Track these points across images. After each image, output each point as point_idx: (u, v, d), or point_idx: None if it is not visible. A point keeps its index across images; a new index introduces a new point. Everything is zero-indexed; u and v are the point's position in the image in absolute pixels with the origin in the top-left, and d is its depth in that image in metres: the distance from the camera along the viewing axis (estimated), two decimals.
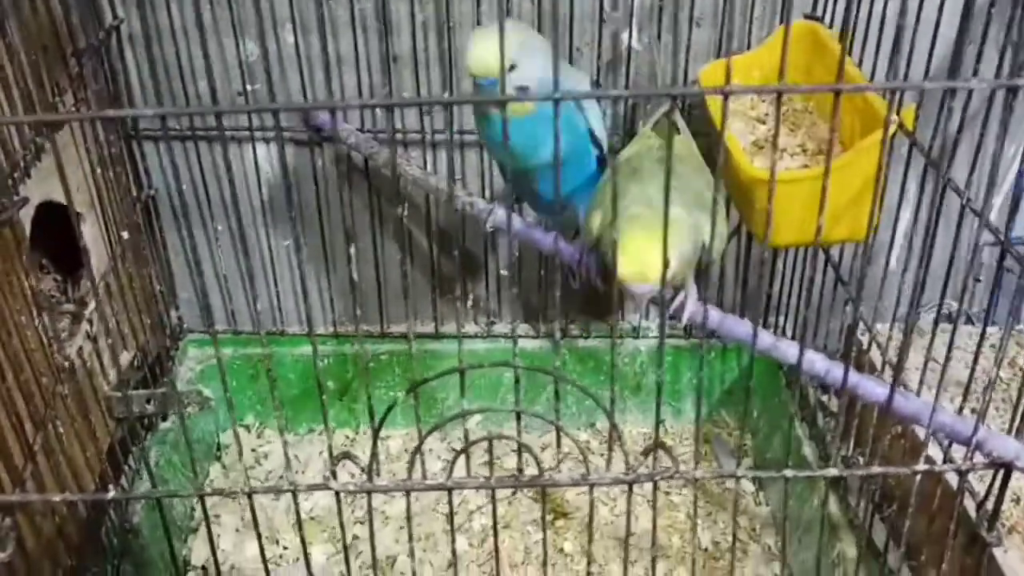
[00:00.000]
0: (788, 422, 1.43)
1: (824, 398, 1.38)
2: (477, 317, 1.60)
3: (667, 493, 1.49)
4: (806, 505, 1.34)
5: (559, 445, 0.88)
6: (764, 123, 1.18)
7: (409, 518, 0.90)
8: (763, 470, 1.52)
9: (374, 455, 0.88)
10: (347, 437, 1.62)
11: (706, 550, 1.40)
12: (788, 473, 0.87)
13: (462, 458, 0.84)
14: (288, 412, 1.59)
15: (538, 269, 1.53)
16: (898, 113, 0.99)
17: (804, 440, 1.38)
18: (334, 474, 0.89)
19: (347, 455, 0.91)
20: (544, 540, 0.95)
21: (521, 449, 0.86)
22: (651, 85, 1.23)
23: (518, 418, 0.85)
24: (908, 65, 1.07)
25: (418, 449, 0.87)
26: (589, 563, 0.94)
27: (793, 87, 0.69)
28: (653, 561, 0.93)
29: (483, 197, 1.28)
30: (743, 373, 1.59)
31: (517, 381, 0.84)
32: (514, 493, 0.90)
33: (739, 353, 1.57)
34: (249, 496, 0.91)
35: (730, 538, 1.41)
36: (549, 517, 1.45)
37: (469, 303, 1.58)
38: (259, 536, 0.92)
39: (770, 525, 1.44)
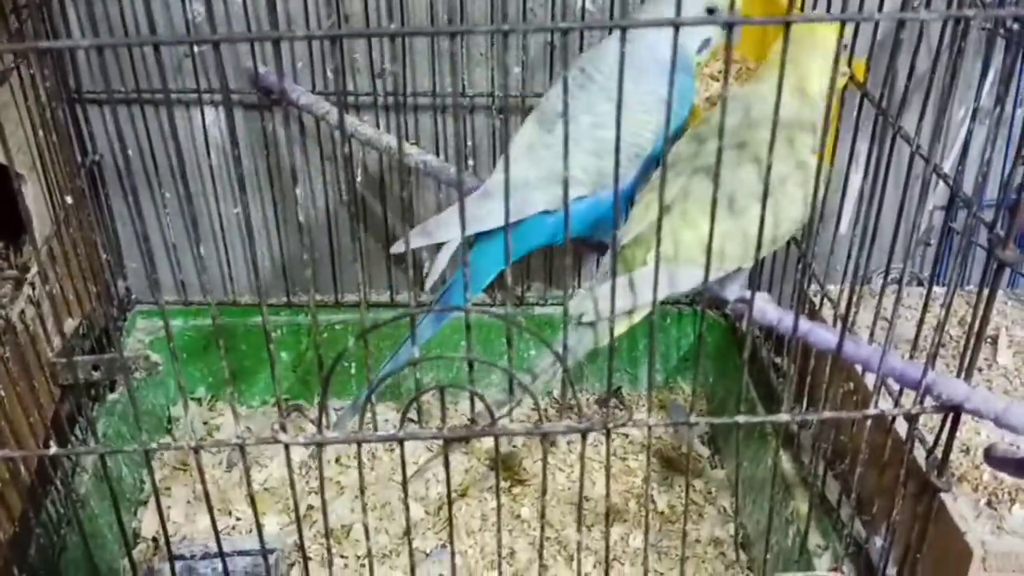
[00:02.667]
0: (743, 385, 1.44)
1: (777, 360, 1.39)
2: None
3: (623, 459, 1.50)
4: (760, 466, 1.35)
5: (511, 391, 0.86)
6: (718, 80, 1.19)
7: (360, 468, 0.89)
8: (718, 429, 1.52)
9: (323, 406, 0.86)
10: (305, 408, 1.59)
11: (662, 513, 1.40)
12: (740, 419, 0.87)
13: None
14: (241, 385, 1.57)
15: None
16: (849, 65, 1.00)
17: (757, 401, 1.39)
18: (283, 427, 0.88)
19: (297, 408, 0.89)
20: (497, 491, 0.94)
21: (473, 398, 0.85)
22: None
23: (470, 366, 0.84)
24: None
25: (368, 398, 0.86)
26: (543, 516, 0.93)
27: (745, 19, 0.69)
28: (607, 513, 0.92)
29: (436, 156, 1.27)
30: (698, 338, 1.59)
31: (468, 328, 0.83)
32: (467, 443, 0.88)
33: (694, 318, 1.58)
34: (196, 451, 0.89)
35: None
36: (506, 484, 1.45)
37: (425, 271, 1.56)
38: (207, 496, 0.90)
39: (725, 488, 1.44)
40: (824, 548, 1.16)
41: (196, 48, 1.34)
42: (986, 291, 0.80)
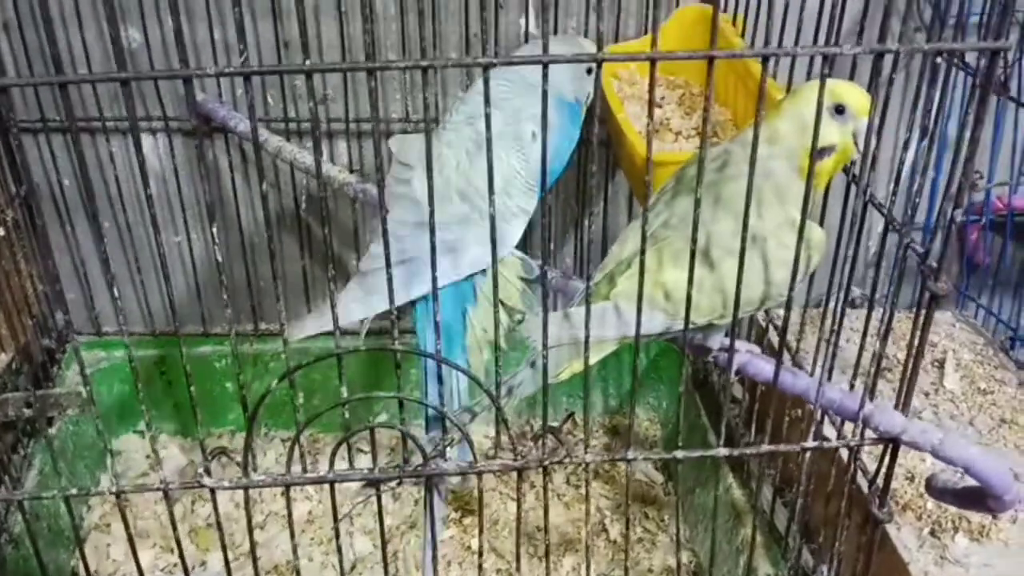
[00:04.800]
0: (695, 413, 1.43)
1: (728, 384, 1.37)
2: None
3: (577, 487, 1.48)
4: (711, 493, 1.33)
5: (445, 431, 0.84)
6: (659, 107, 1.18)
7: (290, 514, 0.87)
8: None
9: (248, 448, 0.84)
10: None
11: (615, 542, 1.38)
12: (679, 454, 0.86)
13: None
14: (185, 416, 1.53)
15: None
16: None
17: (709, 429, 1.38)
18: (207, 471, 0.85)
19: (223, 451, 0.87)
20: (434, 538, 0.92)
21: (405, 438, 0.83)
22: None
23: (400, 405, 0.82)
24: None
25: (296, 440, 0.83)
26: (481, 554, 0.91)
27: (666, 54, 0.68)
28: (547, 548, 0.90)
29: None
30: (652, 364, 1.59)
31: (398, 367, 0.81)
32: (399, 484, 0.86)
33: (647, 344, 1.56)
34: (117, 496, 0.86)
35: (639, 530, 1.40)
36: (456, 515, 1.42)
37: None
38: (130, 538, 0.87)
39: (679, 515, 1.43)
40: None
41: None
42: (921, 321, 0.79)
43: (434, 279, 0.76)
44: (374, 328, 1.04)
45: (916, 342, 0.80)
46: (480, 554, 0.88)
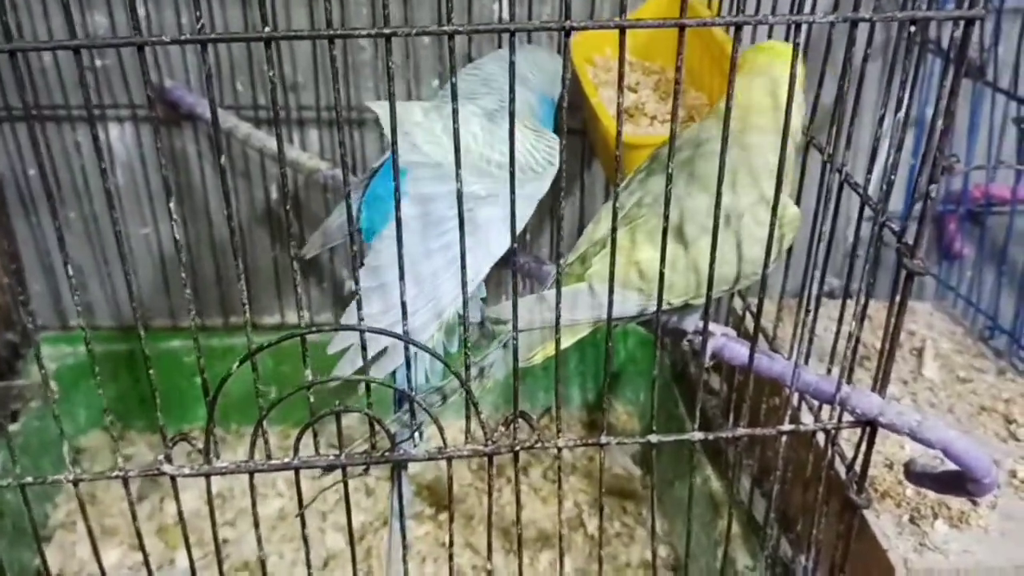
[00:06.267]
0: (673, 404, 1.41)
1: (705, 377, 1.36)
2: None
3: (553, 481, 1.46)
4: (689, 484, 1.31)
5: (413, 416, 0.82)
6: (635, 91, 1.16)
7: (254, 504, 0.84)
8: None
9: (209, 434, 0.81)
10: (219, 437, 1.52)
11: (592, 536, 1.36)
12: (653, 438, 0.84)
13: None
14: (154, 412, 1.50)
15: None
16: None
17: (687, 419, 1.36)
18: (168, 458, 0.83)
19: (183, 437, 0.84)
20: (402, 525, 0.90)
21: (372, 422, 0.80)
22: None
23: (367, 388, 0.80)
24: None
25: (259, 425, 0.81)
26: (451, 543, 0.89)
27: (635, 23, 0.66)
28: (519, 538, 0.88)
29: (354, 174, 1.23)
30: (630, 357, 1.57)
31: (364, 347, 0.79)
32: (366, 470, 0.84)
33: (625, 335, 1.55)
34: (75, 484, 0.84)
35: (617, 524, 1.38)
36: (431, 511, 1.40)
37: (347, 290, 1.51)
38: (89, 531, 0.85)
39: (657, 508, 1.41)
40: (752, 568, 1.13)
41: (98, 62, 1.28)
42: (897, 301, 0.78)
43: (399, 239, 0.73)
44: None
45: (893, 321, 0.79)
46: (450, 543, 0.86)
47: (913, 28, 0.69)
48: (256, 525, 0.85)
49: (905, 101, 0.74)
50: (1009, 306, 1.35)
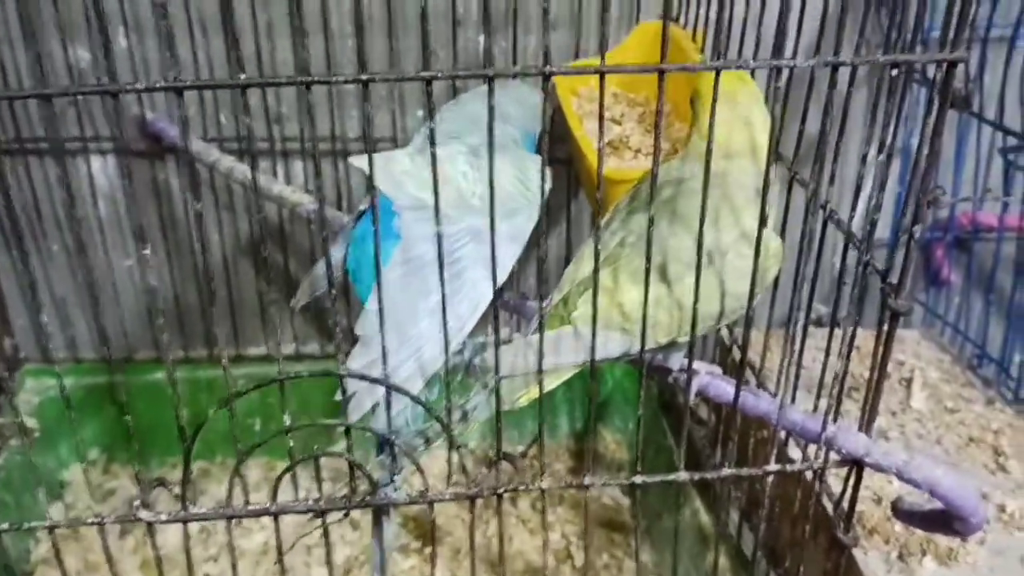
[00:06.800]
0: (661, 434, 1.40)
1: (694, 404, 1.35)
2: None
3: (542, 512, 1.44)
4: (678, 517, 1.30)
5: (393, 459, 0.81)
6: (619, 124, 1.16)
7: (232, 549, 0.83)
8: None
9: (186, 479, 0.80)
10: (202, 470, 1.51)
11: (580, 568, 1.34)
12: (638, 479, 0.83)
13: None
14: (137, 445, 1.48)
15: None
16: None
17: (675, 449, 1.35)
18: (144, 503, 0.81)
19: (160, 482, 0.83)
20: (383, 568, 0.89)
21: (352, 466, 0.79)
22: None
23: (347, 432, 0.79)
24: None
25: (236, 471, 0.80)
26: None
27: (616, 67, 0.66)
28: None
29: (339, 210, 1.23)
30: (617, 385, 1.56)
31: (344, 392, 0.78)
32: (346, 515, 0.83)
33: (611, 366, 1.54)
34: (50, 531, 0.82)
35: (605, 556, 1.37)
36: (417, 544, 1.39)
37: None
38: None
39: (644, 540, 1.40)
40: None
41: (80, 96, 1.27)
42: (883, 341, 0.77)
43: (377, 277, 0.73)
44: None
45: (878, 361, 0.78)
46: None
47: (895, 72, 0.69)
48: (234, 567, 0.83)
49: (888, 141, 0.74)
50: (998, 333, 1.35)
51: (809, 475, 0.94)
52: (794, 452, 0.98)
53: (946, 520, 0.82)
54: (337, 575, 1.34)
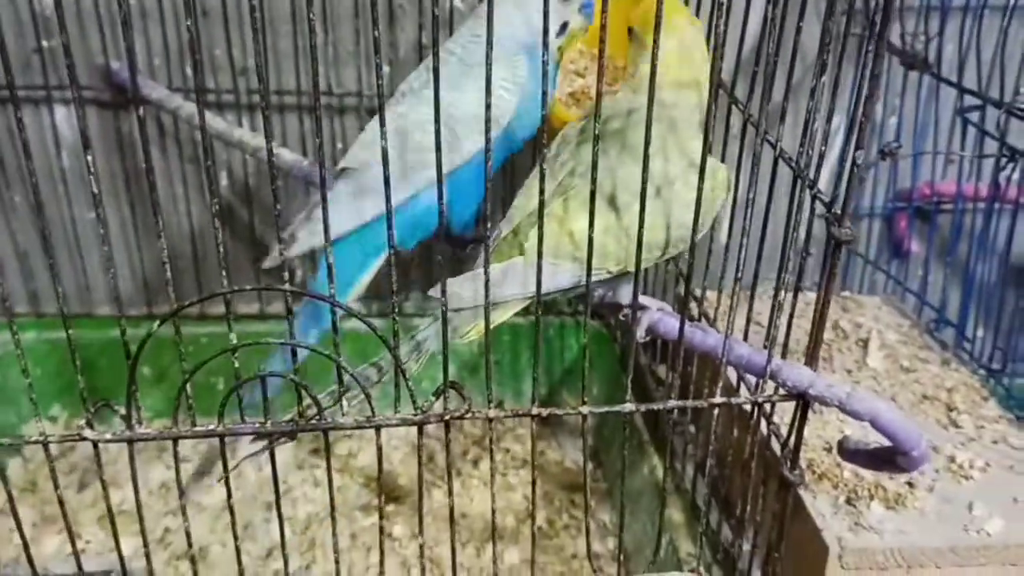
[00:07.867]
0: (622, 392, 1.41)
1: (654, 367, 1.36)
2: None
3: (504, 474, 1.45)
4: (637, 475, 1.31)
5: (340, 382, 0.81)
6: (583, 76, 1.17)
7: (178, 471, 0.83)
8: (601, 445, 1.49)
9: (130, 397, 0.80)
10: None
11: (540, 528, 1.35)
12: (584, 410, 0.84)
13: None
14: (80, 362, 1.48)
15: None
16: None
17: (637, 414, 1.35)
18: (90, 423, 0.81)
19: (105, 403, 0.83)
20: (331, 497, 0.89)
21: (299, 389, 0.79)
22: None
23: (293, 353, 0.79)
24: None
25: (182, 390, 0.80)
26: (382, 516, 0.88)
27: None
28: (451, 511, 0.87)
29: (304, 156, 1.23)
30: (582, 351, 1.56)
31: (289, 312, 0.78)
32: (293, 438, 0.83)
33: (577, 330, 1.54)
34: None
35: (565, 517, 1.37)
36: (376, 501, 1.38)
37: (298, 279, 1.50)
38: (9, 496, 0.83)
39: (605, 501, 1.40)
40: (695, 556, 1.12)
41: (45, 43, 1.27)
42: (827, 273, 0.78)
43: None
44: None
45: (822, 292, 0.79)
46: (380, 516, 0.85)
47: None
48: (180, 493, 0.83)
49: (828, 64, 0.74)
50: (956, 300, 1.36)
51: (757, 415, 0.95)
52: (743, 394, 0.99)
53: (889, 456, 0.83)
54: (297, 528, 1.34)
